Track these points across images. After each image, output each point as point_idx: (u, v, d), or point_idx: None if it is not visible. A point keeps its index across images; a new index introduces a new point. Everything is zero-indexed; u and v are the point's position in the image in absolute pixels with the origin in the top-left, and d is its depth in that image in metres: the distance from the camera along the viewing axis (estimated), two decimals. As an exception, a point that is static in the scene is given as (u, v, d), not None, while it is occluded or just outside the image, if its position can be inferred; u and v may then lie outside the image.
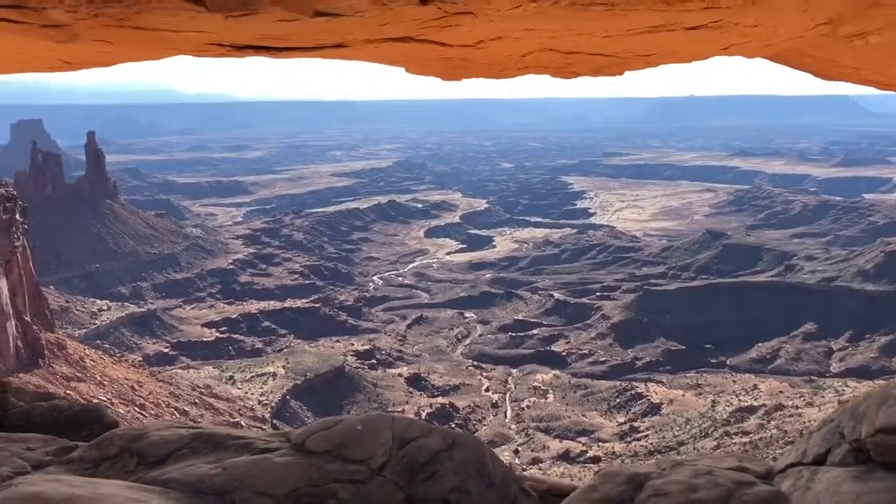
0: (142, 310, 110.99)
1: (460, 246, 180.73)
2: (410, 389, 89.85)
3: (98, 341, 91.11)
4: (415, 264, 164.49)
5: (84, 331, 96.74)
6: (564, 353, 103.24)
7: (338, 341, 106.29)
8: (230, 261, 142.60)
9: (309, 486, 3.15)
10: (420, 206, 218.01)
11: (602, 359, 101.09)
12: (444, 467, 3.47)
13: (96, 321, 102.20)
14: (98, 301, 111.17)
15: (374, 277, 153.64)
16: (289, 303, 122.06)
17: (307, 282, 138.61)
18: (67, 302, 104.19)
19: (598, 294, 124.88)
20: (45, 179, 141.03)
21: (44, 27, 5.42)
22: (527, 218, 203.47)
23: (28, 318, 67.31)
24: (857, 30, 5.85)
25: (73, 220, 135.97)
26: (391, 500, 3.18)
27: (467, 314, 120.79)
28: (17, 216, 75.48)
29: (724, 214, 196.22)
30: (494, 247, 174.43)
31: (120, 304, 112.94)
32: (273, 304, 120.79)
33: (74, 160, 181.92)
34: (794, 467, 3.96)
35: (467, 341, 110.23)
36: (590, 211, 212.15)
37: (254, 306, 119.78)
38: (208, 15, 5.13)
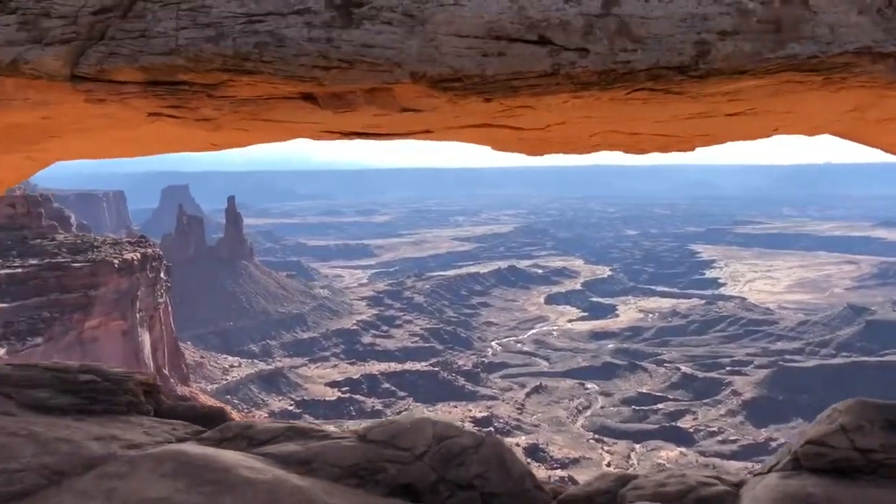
0: (270, 367, 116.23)
1: (582, 314, 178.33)
2: (528, 460, 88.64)
3: (228, 396, 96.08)
4: (534, 331, 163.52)
5: (216, 386, 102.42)
6: (691, 430, 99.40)
7: (455, 406, 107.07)
8: (354, 321, 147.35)
9: (366, 463, 4.21)
10: (541, 271, 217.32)
11: (732, 437, 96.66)
12: (470, 459, 4.47)
13: (227, 377, 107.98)
14: (230, 357, 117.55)
15: (493, 343, 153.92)
16: (409, 365, 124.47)
17: (427, 344, 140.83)
18: (202, 357, 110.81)
19: (728, 368, 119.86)
20: (188, 241, 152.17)
21: (197, 120, 6.97)
22: (652, 287, 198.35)
23: (166, 371, 72.31)
24: (885, 115, 6.52)
25: (211, 279, 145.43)
26: (427, 479, 4.18)
27: (588, 385, 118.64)
28: (162, 275, 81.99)
29: (868, 288, 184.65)
30: (618, 316, 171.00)
31: (250, 360, 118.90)
32: (393, 366, 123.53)
33: (215, 223, 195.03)
34: (756, 476, 4.60)
35: (588, 413, 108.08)
36: (719, 281, 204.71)
37: (375, 367, 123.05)
38: (321, 111, 6.49)
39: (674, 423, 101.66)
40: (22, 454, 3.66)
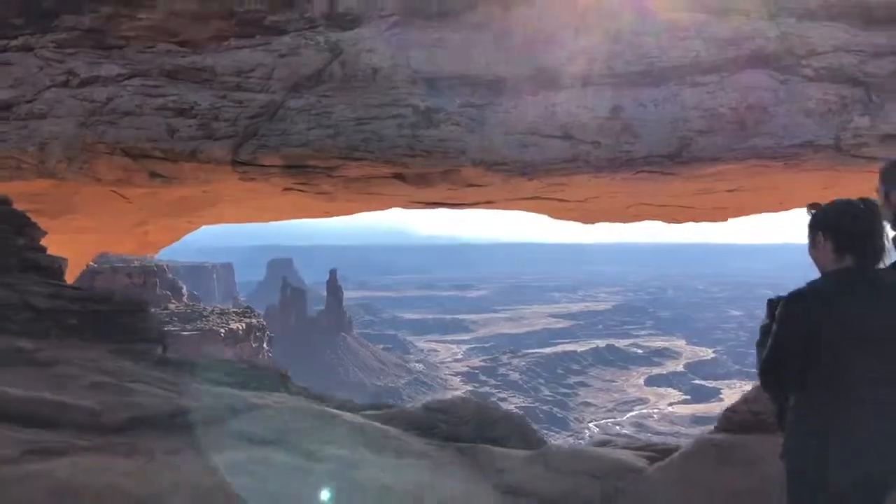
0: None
1: (684, 397, 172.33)
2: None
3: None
4: (633, 413, 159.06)
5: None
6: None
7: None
8: (448, 397, 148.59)
9: (427, 422, 6.11)
10: (640, 351, 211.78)
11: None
12: (500, 426, 6.31)
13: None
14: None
15: (590, 424, 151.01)
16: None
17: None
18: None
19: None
20: (290, 312, 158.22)
21: (317, 193, 9.33)
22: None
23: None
24: (853, 190, 8.17)
25: (310, 350, 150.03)
26: (468, 436, 6.06)
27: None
28: (265, 345, 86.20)
29: None
30: (722, 400, 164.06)
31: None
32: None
33: (317, 295, 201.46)
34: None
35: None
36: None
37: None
38: (408, 186, 8.72)
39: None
40: (209, 401, 5.86)
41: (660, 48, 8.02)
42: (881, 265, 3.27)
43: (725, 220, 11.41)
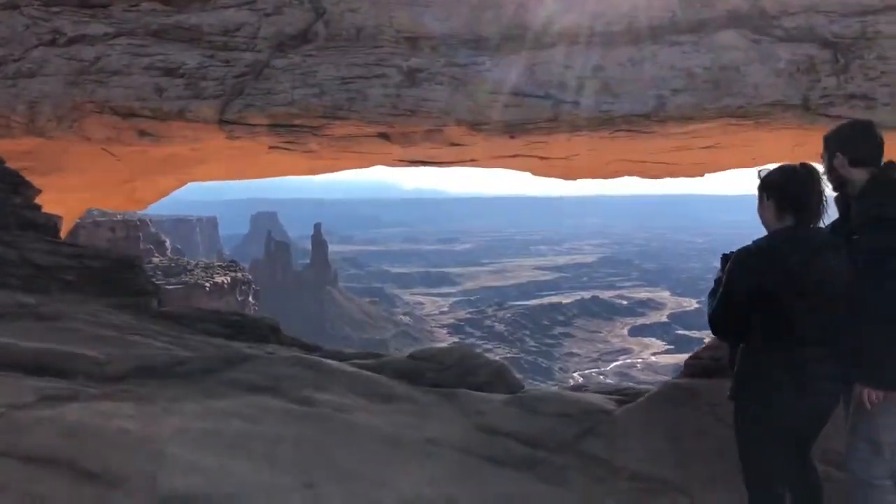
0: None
1: (667, 346, 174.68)
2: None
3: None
4: (617, 363, 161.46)
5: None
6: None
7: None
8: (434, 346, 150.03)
9: (414, 370, 6.49)
10: (625, 303, 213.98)
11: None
12: (482, 371, 6.70)
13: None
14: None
15: (575, 374, 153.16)
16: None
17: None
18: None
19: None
20: (275, 266, 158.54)
21: (303, 152, 9.54)
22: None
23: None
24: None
25: (296, 304, 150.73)
26: (451, 382, 6.42)
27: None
28: (251, 298, 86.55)
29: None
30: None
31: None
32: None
33: (302, 249, 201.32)
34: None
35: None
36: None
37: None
38: (392, 145, 8.95)
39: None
40: (206, 352, 6.17)
41: (638, 8, 8.23)
42: (819, 224, 3.63)
43: (702, 175, 11.73)
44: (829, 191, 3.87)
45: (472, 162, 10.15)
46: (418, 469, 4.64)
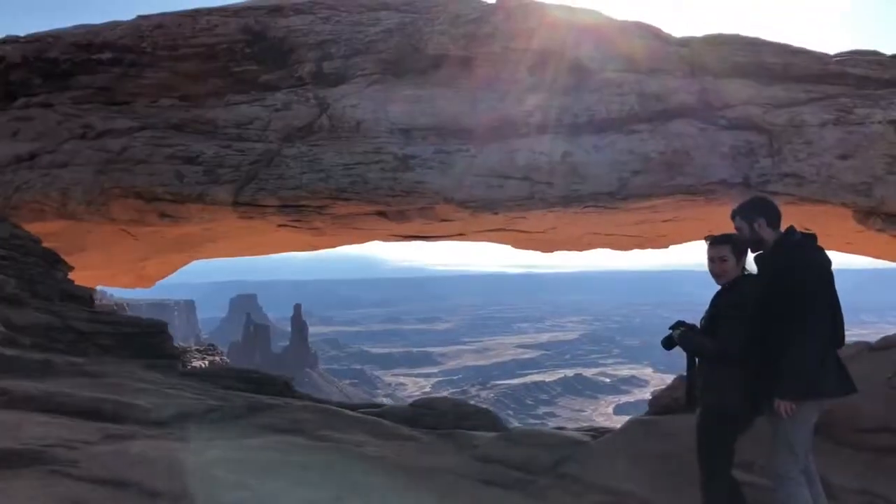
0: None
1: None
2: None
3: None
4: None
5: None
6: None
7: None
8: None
9: (413, 415, 7.46)
10: (608, 380, 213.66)
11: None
12: (473, 417, 7.63)
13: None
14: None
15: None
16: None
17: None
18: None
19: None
20: (254, 349, 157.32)
21: (308, 229, 10.62)
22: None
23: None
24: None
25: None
26: (448, 426, 7.36)
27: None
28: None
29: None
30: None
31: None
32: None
33: (281, 331, 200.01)
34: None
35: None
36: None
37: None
38: (389, 222, 10.06)
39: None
40: (233, 402, 7.09)
41: (601, 102, 9.55)
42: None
43: (667, 246, 12.91)
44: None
45: (461, 236, 11.30)
46: (424, 488, 5.51)
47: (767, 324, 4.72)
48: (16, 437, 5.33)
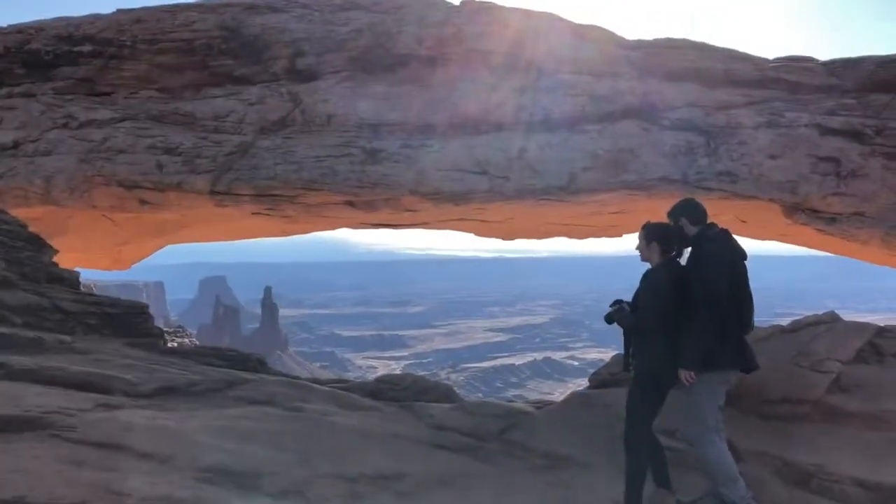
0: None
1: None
2: None
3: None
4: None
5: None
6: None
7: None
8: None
9: (377, 389, 8.20)
10: (576, 363, 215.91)
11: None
12: (431, 391, 8.37)
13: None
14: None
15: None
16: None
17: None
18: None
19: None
20: (223, 331, 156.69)
21: (281, 217, 11.25)
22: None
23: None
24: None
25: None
26: (407, 399, 8.11)
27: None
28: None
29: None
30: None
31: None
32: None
33: (252, 313, 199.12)
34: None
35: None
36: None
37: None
38: (357, 211, 10.72)
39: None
40: (212, 377, 7.76)
41: (556, 102, 10.28)
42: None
43: (620, 235, 13.72)
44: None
45: (425, 225, 12.02)
46: (383, 452, 6.24)
47: (680, 304, 5.52)
48: (17, 405, 5.96)
